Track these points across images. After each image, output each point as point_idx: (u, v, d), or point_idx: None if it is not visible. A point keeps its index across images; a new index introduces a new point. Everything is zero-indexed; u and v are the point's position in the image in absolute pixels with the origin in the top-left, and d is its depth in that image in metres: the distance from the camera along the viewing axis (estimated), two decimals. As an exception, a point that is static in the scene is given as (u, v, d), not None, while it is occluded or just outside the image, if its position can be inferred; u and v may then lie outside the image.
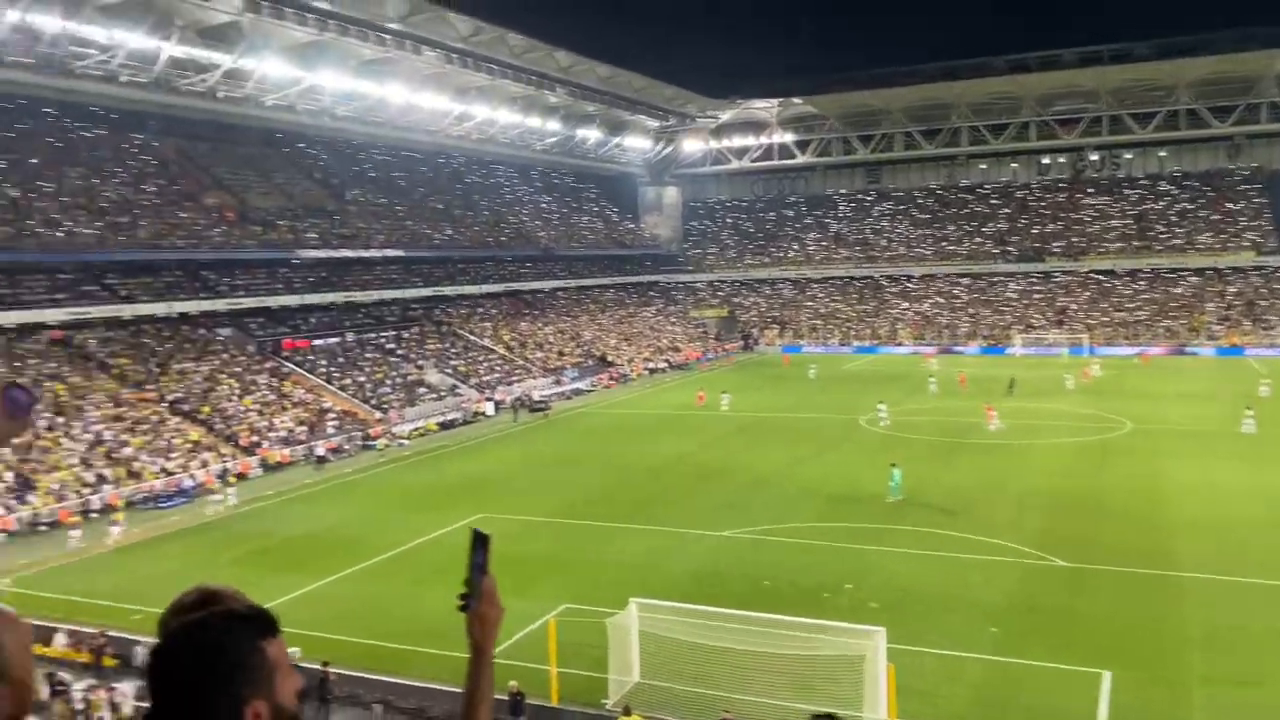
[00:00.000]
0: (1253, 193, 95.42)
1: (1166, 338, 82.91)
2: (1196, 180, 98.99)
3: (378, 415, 54.06)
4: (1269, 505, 32.88)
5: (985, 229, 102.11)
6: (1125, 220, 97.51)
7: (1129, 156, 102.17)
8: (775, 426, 52.28)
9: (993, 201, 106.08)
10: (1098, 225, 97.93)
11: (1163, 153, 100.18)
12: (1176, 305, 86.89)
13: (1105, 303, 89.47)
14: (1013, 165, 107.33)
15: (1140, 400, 56.15)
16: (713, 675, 19.54)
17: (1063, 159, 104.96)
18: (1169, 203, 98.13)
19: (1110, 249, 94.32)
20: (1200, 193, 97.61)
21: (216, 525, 36.09)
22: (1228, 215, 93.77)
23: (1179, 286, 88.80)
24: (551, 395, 65.11)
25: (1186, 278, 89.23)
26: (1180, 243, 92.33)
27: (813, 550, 29.83)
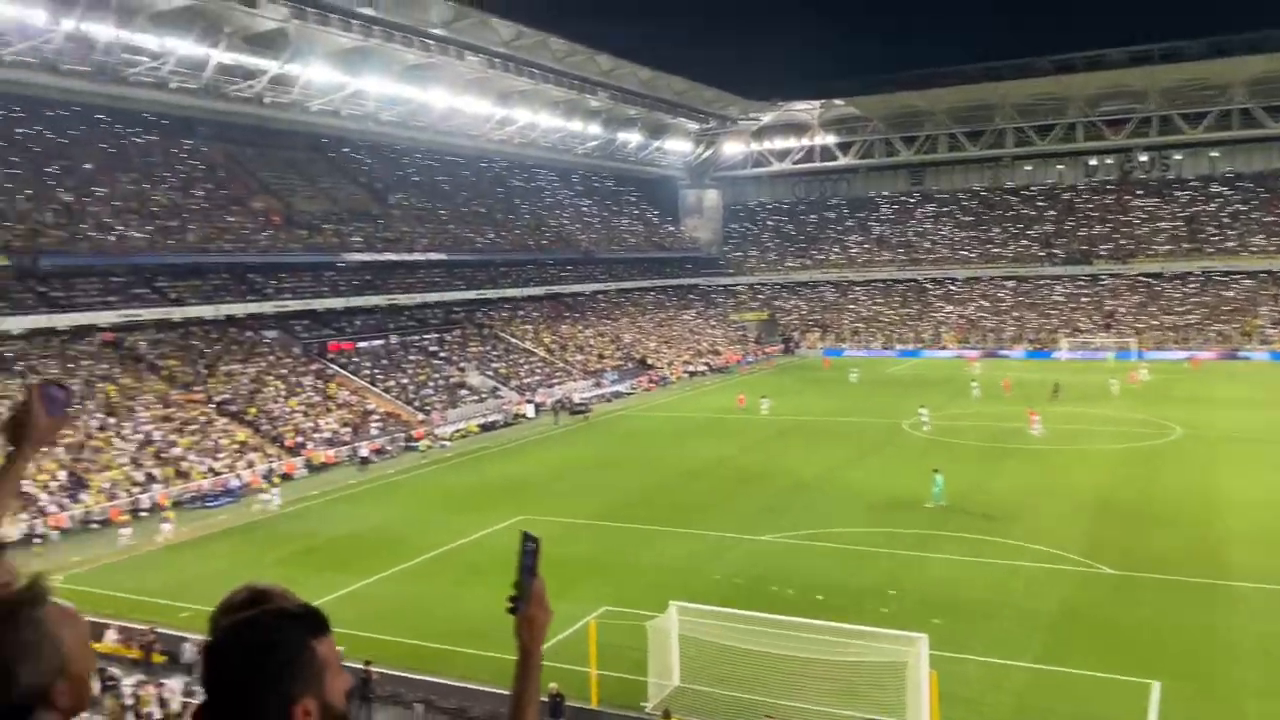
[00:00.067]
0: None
1: (1218, 342, 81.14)
2: (1250, 181, 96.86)
3: (420, 417, 54.53)
4: (1325, 514, 32.10)
5: (1031, 231, 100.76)
6: (1175, 222, 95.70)
7: (1179, 157, 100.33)
8: (816, 430, 51.95)
9: (1038, 203, 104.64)
10: (1147, 227, 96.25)
11: (1215, 153, 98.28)
12: (1228, 309, 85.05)
13: (1154, 306, 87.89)
14: (1059, 167, 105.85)
15: (1190, 406, 55.01)
16: (753, 680, 19.44)
17: (1110, 160, 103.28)
18: (1221, 204, 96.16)
19: (1159, 251, 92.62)
20: (1254, 194, 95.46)
21: (262, 525, 36.57)
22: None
23: (1231, 289, 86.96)
24: (592, 398, 65.24)
25: (1239, 280, 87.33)
26: (1233, 245, 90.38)
27: (854, 556, 29.60)
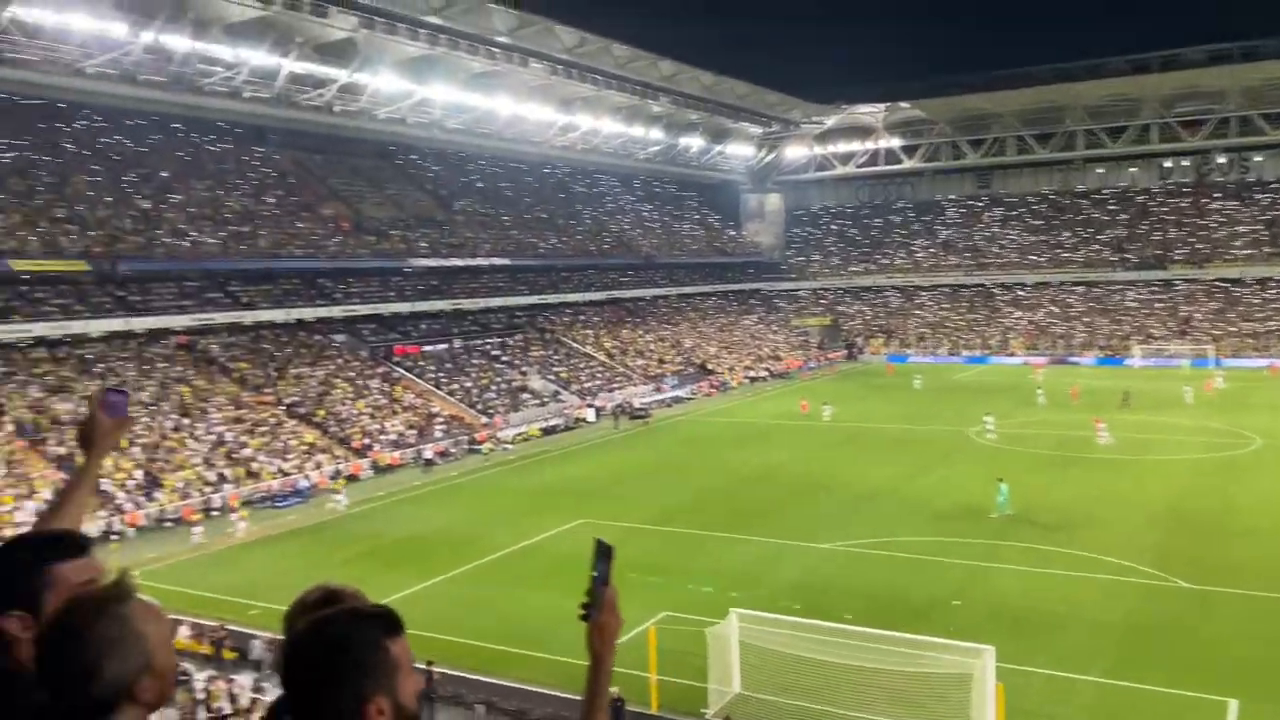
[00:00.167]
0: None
1: (1300, 349, 78.48)
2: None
3: (483, 420, 55.09)
4: None
5: (1102, 235, 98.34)
6: (1255, 226, 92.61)
7: (1259, 159, 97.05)
8: (878, 438, 51.34)
9: (1110, 207, 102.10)
10: (1225, 231, 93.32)
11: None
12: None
13: (1232, 312, 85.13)
14: (1132, 169, 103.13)
15: (1270, 414, 53.16)
16: (815, 689, 19.26)
17: (1186, 162, 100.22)
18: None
19: (1238, 256, 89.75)
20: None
21: (329, 525, 37.20)
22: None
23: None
24: (652, 403, 65.29)
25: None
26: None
27: (918, 565, 29.16)
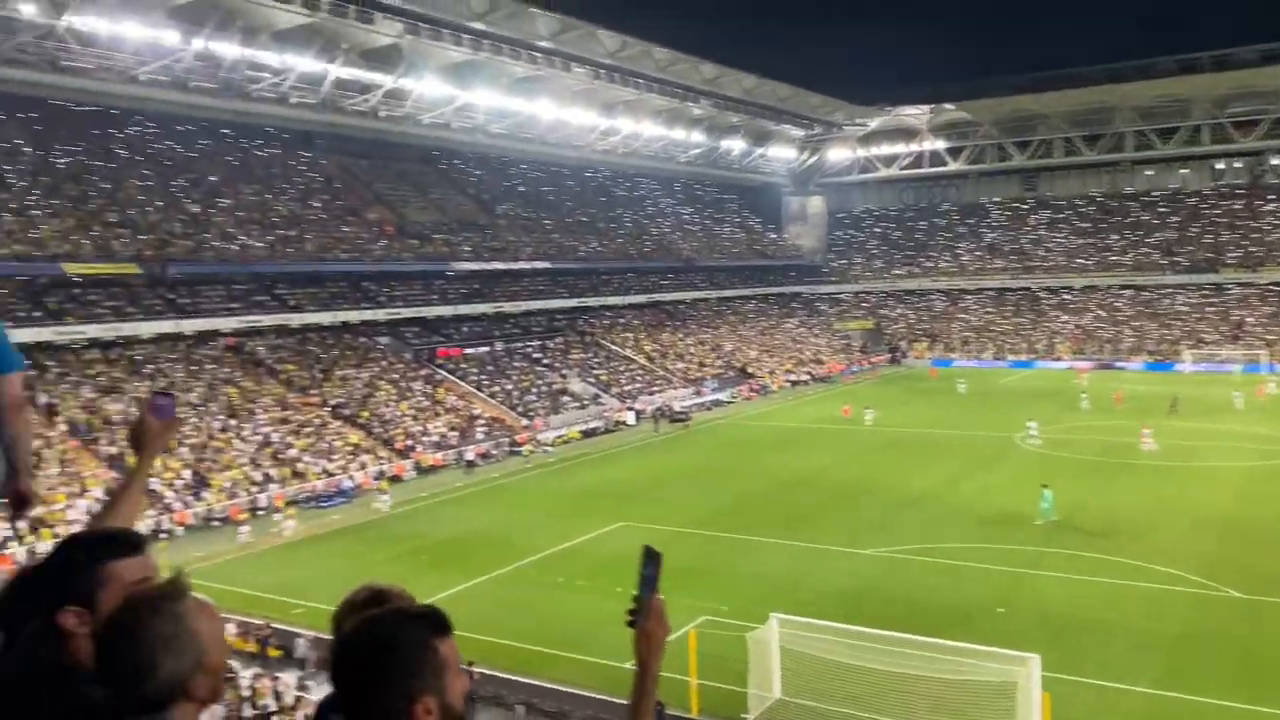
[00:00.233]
0: None
1: (1358, 355, 76.50)
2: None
3: (524, 422, 55.37)
4: None
5: (1151, 238, 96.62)
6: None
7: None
8: (921, 443, 50.83)
9: (1160, 209, 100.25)
10: (1279, 234, 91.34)
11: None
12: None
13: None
14: (1182, 171, 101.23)
15: (1327, 422, 52.01)
16: (857, 696, 19.09)
17: (1239, 164, 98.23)
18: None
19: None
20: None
21: (373, 525, 37.57)
22: None
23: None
24: (692, 406, 65.19)
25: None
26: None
27: (962, 572, 28.83)
